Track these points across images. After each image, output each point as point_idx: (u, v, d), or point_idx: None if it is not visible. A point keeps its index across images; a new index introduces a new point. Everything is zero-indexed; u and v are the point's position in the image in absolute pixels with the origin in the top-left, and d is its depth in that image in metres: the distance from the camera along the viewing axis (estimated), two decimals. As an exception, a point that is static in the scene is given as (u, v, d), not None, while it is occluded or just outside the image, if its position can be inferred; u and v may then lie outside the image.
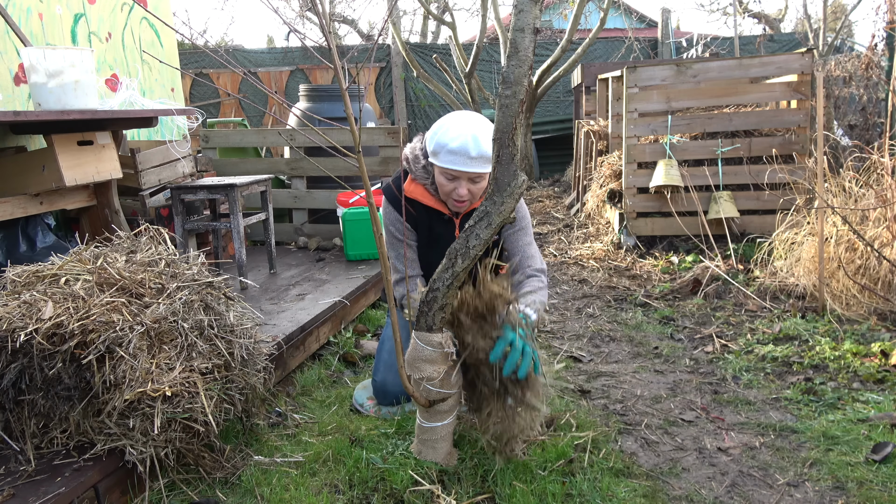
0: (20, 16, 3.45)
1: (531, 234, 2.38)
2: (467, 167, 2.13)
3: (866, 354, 2.80)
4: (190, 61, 9.94)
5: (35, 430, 1.89)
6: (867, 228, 3.42)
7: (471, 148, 2.10)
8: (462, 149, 2.10)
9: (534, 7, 1.65)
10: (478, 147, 2.10)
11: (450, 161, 2.13)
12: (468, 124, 2.13)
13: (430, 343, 1.87)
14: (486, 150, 2.10)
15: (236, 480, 1.97)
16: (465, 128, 2.12)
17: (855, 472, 1.94)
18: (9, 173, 2.88)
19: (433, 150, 2.18)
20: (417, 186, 2.30)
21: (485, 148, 2.10)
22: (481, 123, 2.16)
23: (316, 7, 1.60)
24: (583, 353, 3.08)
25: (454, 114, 2.21)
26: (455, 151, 2.11)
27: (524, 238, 2.36)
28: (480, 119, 2.18)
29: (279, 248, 4.63)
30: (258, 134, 4.98)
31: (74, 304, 1.87)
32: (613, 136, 5.68)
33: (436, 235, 2.33)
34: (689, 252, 4.57)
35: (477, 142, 2.10)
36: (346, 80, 1.61)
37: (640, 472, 2.01)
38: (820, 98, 3.35)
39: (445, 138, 2.13)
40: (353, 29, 15.56)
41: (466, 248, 1.79)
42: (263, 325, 2.81)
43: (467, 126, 2.12)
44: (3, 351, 1.83)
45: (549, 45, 10.04)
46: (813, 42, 9.85)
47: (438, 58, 8.05)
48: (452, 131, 2.13)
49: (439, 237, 2.32)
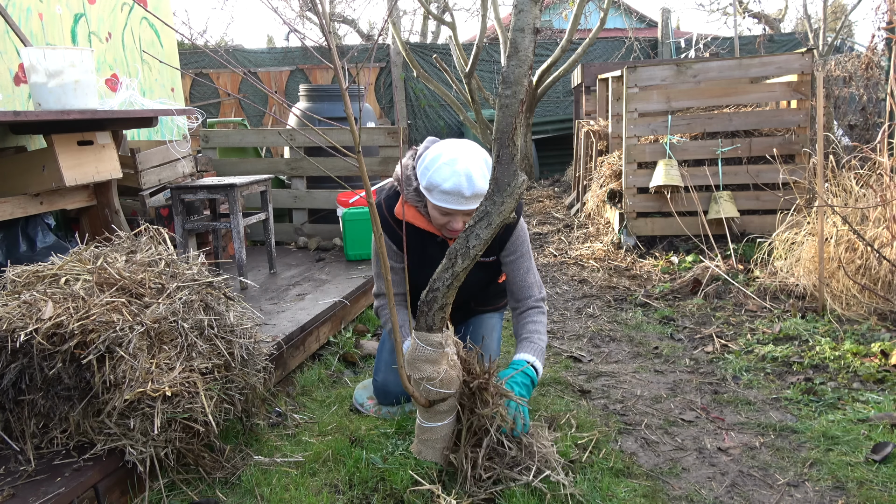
0: (20, 16, 3.45)
1: (531, 258, 2.33)
2: (462, 206, 2.06)
3: (866, 354, 2.79)
4: (190, 61, 9.94)
5: (35, 430, 1.89)
6: (867, 228, 3.42)
7: (465, 189, 2.03)
8: (456, 189, 2.03)
9: (534, 7, 1.65)
10: (472, 187, 2.03)
11: (443, 200, 2.07)
12: (461, 162, 2.04)
13: (430, 343, 1.87)
14: (481, 187, 2.03)
15: (236, 480, 1.98)
16: (458, 166, 2.03)
17: (855, 472, 1.94)
18: (9, 173, 2.88)
19: (426, 187, 2.11)
20: (410, 209, 2.24)
21: (479, 186, 2.03)
22: (474, 159, 2.07)
23: (316, 7, 1.60)
24: (583, 353, 3.08)
25: (446, 148, 2.11)
26: (449, 192, 2.04)
27: (524, 264, 2.30)
28: (472, 153, 2.09)
29: (279, 248, 4.63)
30: (258, 134, 4.98)
31: (74, 304, 1.87)
32: (613, 136, 5.68)
33: (428, 257, 2.26)
34: (689, 252, 4.57)
35: (471, 181, 2.02)
36: (346, 80, 1.61)
37: (640, 472, 2.01)
38: (820, 98, 3.35)
39: (438, 178, 2.05)
40: (353, 29, 15.57)
41: (466, 248, 1.79)
42: (263, 325, 2.81)
43: (460, 164, 2.04)
44: (3, 351, 1.83)
45: (549, 45, 10.05)
46: (813, 42, 9.85)
47: (438, 58, 8.05)
48: (445, 170, 2.04)
49: (432, 259, 2.21)
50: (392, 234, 2.28)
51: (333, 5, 14.82)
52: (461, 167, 2.03)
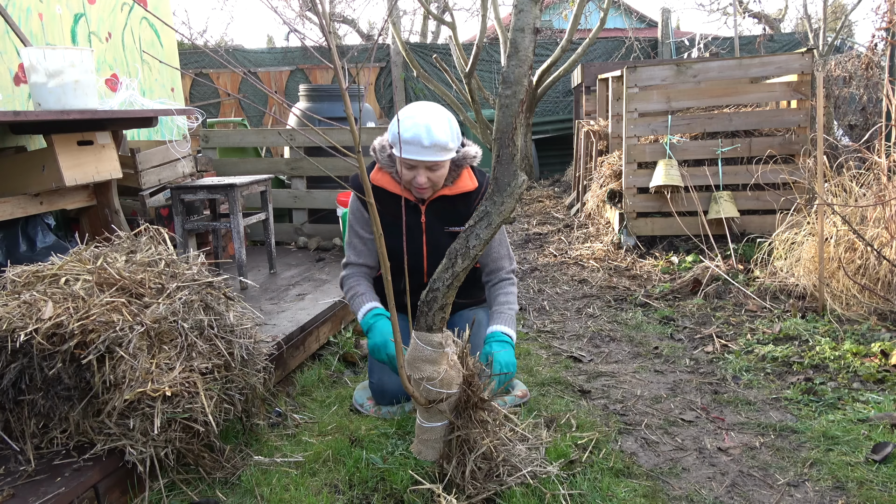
0: (20, 16, 3.45)
1: (503, 230, 2.43)
2: (421, 156, 2.20)
3: (866, 354, 2.79)
4: (190, 61, 9.94)
5: (35, 430, 1.89)
6: (867, 228, 3.42)
7: (423, 138, 2.16)
8: (415, 139, 2.17)
9: (534, 7, 1.65)
10: (430, 136, 2.17)
11: (405, 151, 2.21)
12: (421, 116, 2.19)
13: (430, 343, 1.87)
14: (439, 138, 2.18)
15: (236, 480, 1.97)
16: (418, 118, 2.19)
17: (855, 472, 1.94)
18: (9, 173, 2.88)
19: (391, 142, 2.29)
20: (384, 175, 2.38)
21: (437, 136, 2.17)
22: (436, 113, 2.22)
23: (316, 7, 1.59)
24: (583, 353, 3.08)
25: (411, 106, 2.27)
26: (409, 142, 2.19)
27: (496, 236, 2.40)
28: (437, 109, 2.25)
29: (279, 248, 4.63)
30: (258, 134, 4.98)
31: (74, 304, 1.87)
32: (613, 136, 5.68)
33: (402, 222, 2.39)
34: (689, 252, 4.57)
35: (430, 131, 2.17)
36: (346, 80, 1.61)
37: (640, 472, 2.01)
38: (820, 98, 3.35)
39: (400, 129, 2.20)
40: (353, 29, 15.56)
41: (466, 248, 1.79)
42: (263, 325, 2.81)
43: (421, 116, 2.19)
44: (4, 351, 1.83)
45: (549, 45, 10.04)
46: (813, 42, 9.85)
47: (438, 58, 8.04)
48: (406, 123, 2.20)
49: (406, 224, 2.39)
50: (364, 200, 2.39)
51: (333, 5, 14.82)
52: (421, 120, 2.19)
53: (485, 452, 1.88)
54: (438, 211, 2.40)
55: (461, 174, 2.38)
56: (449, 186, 2.36)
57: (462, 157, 2.35)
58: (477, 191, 2.40)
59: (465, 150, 2.38)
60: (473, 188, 2.39)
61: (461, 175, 2.38)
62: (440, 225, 2.40)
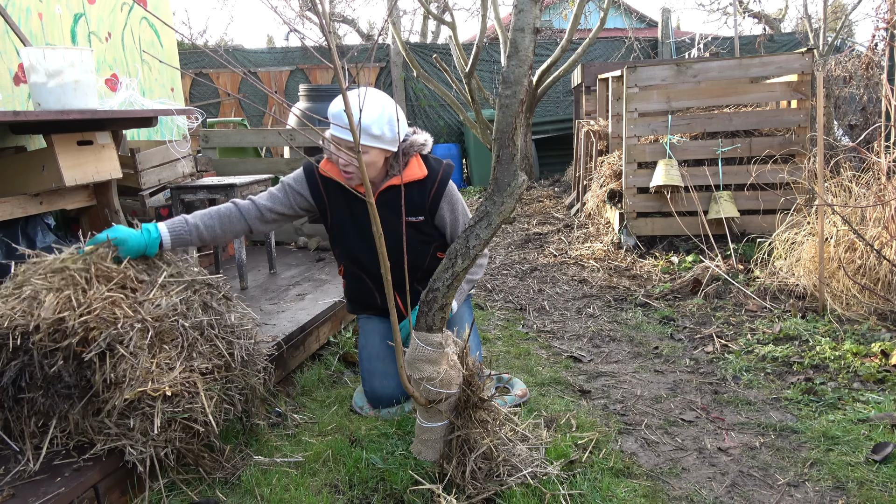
0: (20, 16, 3.45)
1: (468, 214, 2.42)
2: (341, 133, 2.19)
3: (866, 354, 2.79)
4: (190, 61, 9.93)
5: (35, 430, 1.89)
6: (867, 228, 3.42)
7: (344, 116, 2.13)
8: (337, 116, 2.18)
9: (534, 7, 1.65)
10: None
11: (331, 128, 2.22)
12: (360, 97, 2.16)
13: (430, 343, 1.87)
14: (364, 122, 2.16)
15: (236, 480, 1.97)
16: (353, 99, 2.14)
17: (855, 473, 1.94)
18: (9, 173, 2.88)
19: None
20: (333, 166, 2.37)
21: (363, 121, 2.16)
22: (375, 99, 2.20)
23: (316, 7, 1.60)
24: (583, 353, 3.08)
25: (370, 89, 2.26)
26: (333, 116, 2.19)
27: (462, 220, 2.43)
28: (378, 96, 2.22)
29: (279, 248, 4.63)
30: (258, 134, 4.98)
31: (75, 293, 1.86)
32: (613, 136, 5.68)
33: (354, 215, 2.39)
34: (690, 252, 4.57)
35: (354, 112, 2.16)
36: (346, 79, 1.61)
37: (640, 472, 2.01)
38: (820, 98, 3.35)
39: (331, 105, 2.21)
40: (353, 29, 15.57)
41: (466, 248, 1.79)
42: (263, 325, 2.81)
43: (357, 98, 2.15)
44: (4, 348, 1.83)
45: (549, 45, 10.04)
46: (813, 42, 9.85)
47: (438, 58, 8.04)
48: (337, 101, 2.19)
49: (357, 217, 2.39)
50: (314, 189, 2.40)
51: (333, 5, 14.82)
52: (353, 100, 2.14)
53: (485, 452, 1.88)
54: (389, 201, 2.33)
55: (409, 162, 2.33)
56: (397, 175, 2.31)
57: (409, 145, 2.32)
58: (428, 178, 2.35)
59: (412, 137, 2.34)
60: (422, 176, 2.33)
61: (409, 163, 2.33)
62: (394, 216, 2.28)
